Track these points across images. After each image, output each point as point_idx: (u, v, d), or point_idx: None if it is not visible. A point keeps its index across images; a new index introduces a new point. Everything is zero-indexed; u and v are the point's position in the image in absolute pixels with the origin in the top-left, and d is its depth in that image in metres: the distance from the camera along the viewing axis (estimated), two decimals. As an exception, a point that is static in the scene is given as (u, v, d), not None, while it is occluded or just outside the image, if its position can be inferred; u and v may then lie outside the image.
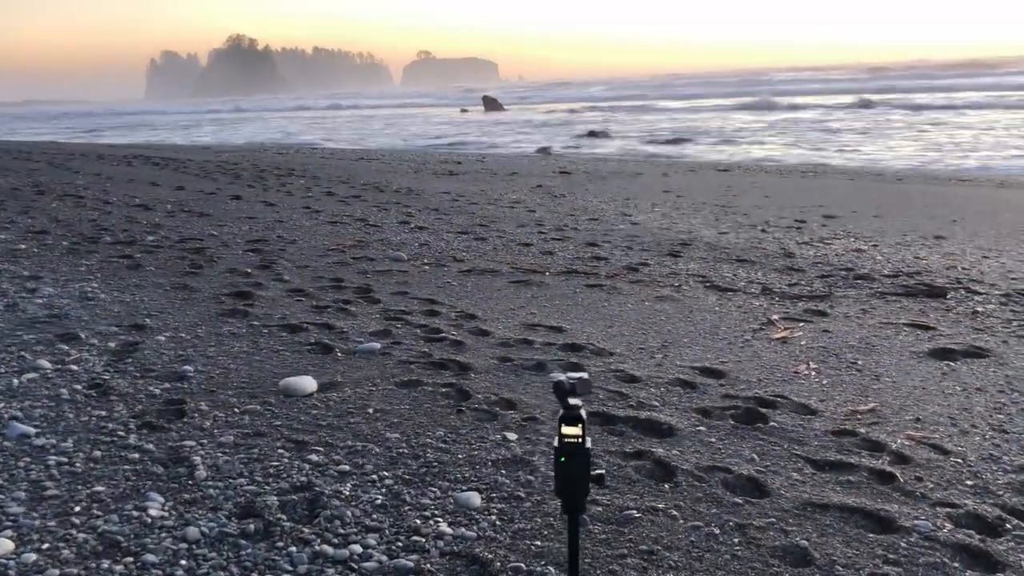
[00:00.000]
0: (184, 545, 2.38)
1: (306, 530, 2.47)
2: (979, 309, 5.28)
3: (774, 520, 2.56)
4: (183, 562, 2.31)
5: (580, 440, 1.79)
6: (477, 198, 11.18)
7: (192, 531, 2.44)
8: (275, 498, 2.66)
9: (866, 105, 38.45)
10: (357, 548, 2.37)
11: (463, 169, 16.13)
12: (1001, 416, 3.47)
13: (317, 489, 2.73)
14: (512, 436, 3.20)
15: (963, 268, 6.67)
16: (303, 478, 2.83)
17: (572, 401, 1.79)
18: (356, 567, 2.29)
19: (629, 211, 10.14)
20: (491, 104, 56.47)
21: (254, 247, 7.19)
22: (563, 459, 1.80)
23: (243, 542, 2.40)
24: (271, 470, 2.89)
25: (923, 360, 4.25)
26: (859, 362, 4.19)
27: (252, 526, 2.48)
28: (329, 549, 2.36)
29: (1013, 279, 6.24)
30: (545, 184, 13.26)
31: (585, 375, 1.83)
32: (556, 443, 1.81)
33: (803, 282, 6.12)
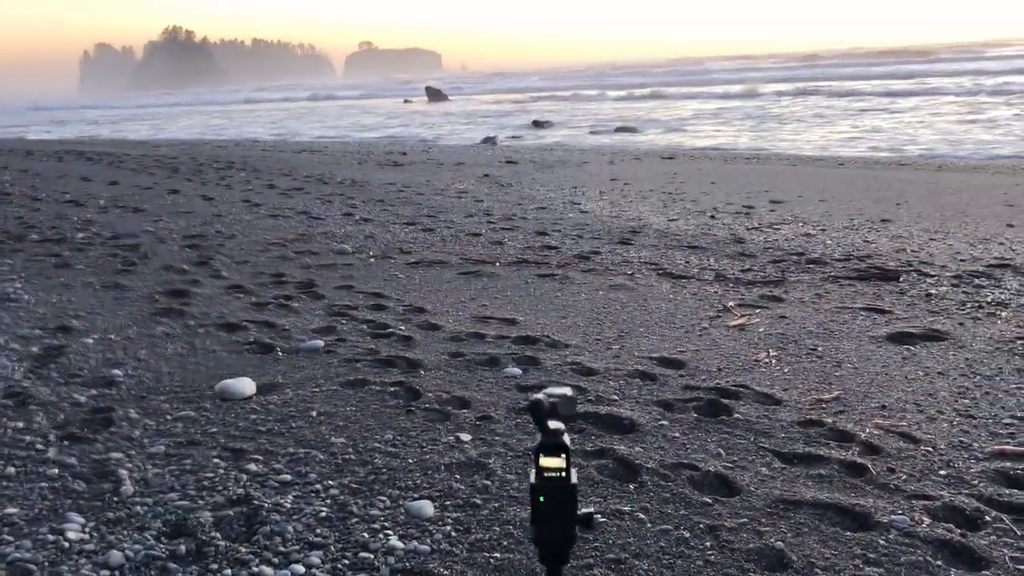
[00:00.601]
0: (106, 572, 2.16)
1: (243, 549, 2.26)
2: (932, 291, 5.23)
3: (746, 520, 2.42)
4: (105, 591, 2.08)
5: (564, 474, 1.44)
6: (423, 189, 10.94)
7: (115, 555, 2.21)
8: (209, 514, 2.45)
9: (803, 92, 38.91)
10: (299, 568, 2.17)
11: (408, 160, 15.85)
12: (966, 401, 3.39)
13: (256, 502, 2.52)
14: (466, 437, 3.02)
15: (912, 251, 6.65)
16: (240, 490, 2.61)
17: (552, 425, 1.46)
18: (299, 590, 2.09)
19: (577, 199, 9.99)
20: (435, 95, 55.99)
21: (191, 243, 6.88)
22: (542, 499, 1.46)
23: (172, 566, 2.18)
24: (205, 482, 2.67)
25: (882, 345, 4.16)
26: (819, 348, 4.09)
27: (183, 547, 2.26)
28: (268, 570, 2.16)
29: (962, 260, 6.23)
30: (492, 174, 13.06)
31: (568, 391, 1.51)
32: (532, 478, 1.46)
33: (756, 268, 6.03)
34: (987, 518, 2.44)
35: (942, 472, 2.75)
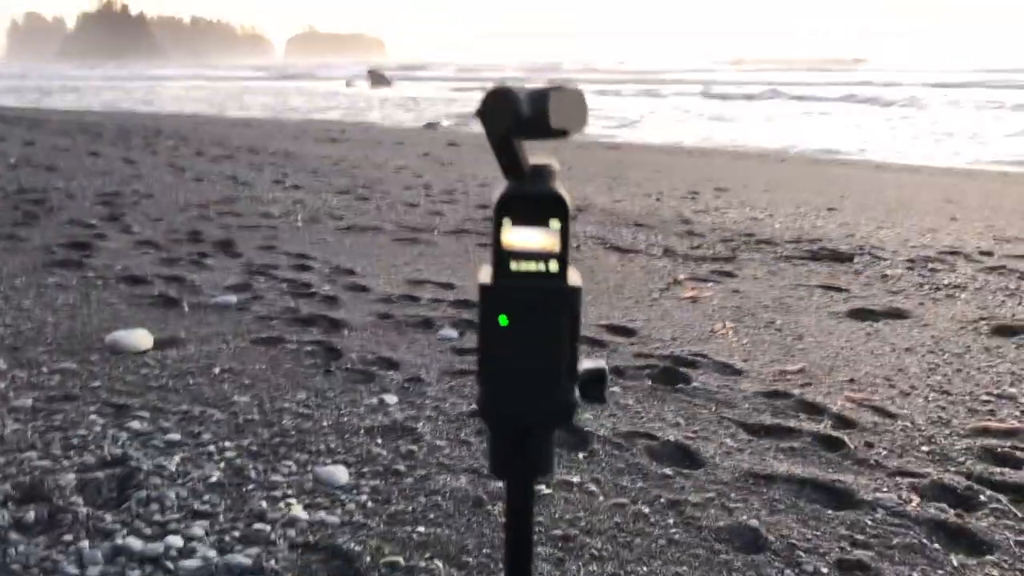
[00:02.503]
0: (-73, 541, 1.72)
1: (109, 518, 1.85)
2: (888, 273, 5.00)
3: (713, 495, 2.09)
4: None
5: (554, 267, 0.81)
6: (361, 163, 10.46)
7: (-56, 522, 1.78)
8: (73, 476, 2.02)
9: (749, 97, 39.21)
10: (177, 540, 1.77)
11: (347, 137, 15.31)
12: (939, 377, 3.12)
13: (133, 464, 2.10)
14: (391, 399, 2.64)
15: (862, 236, 6.45)
16: (117, 450, 2.19)
17: (533, 160, 0.86)
18: (171, 567, 1.69)
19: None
20: (377, 79, 55.01)
21: (104, 200, 6.34)
22: (503, 321, 0.83)
23: (13, 536, 1.76)
24: (75, 441, 2.24)
25: (843, 320, 3.89)
26: (777, 321, 3.80)
27: (32, 514, 1.84)
28: (136, 543, 1.75)
29: (913, 247, 6.04)
30: (433, 153, 12.63)
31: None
32: (485, 276, 0.83)
33: (705, 245, 5.75)
34: (982, 498, 2.15)
35: (924, 448, 2.46)
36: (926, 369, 3.21)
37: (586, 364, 0.88)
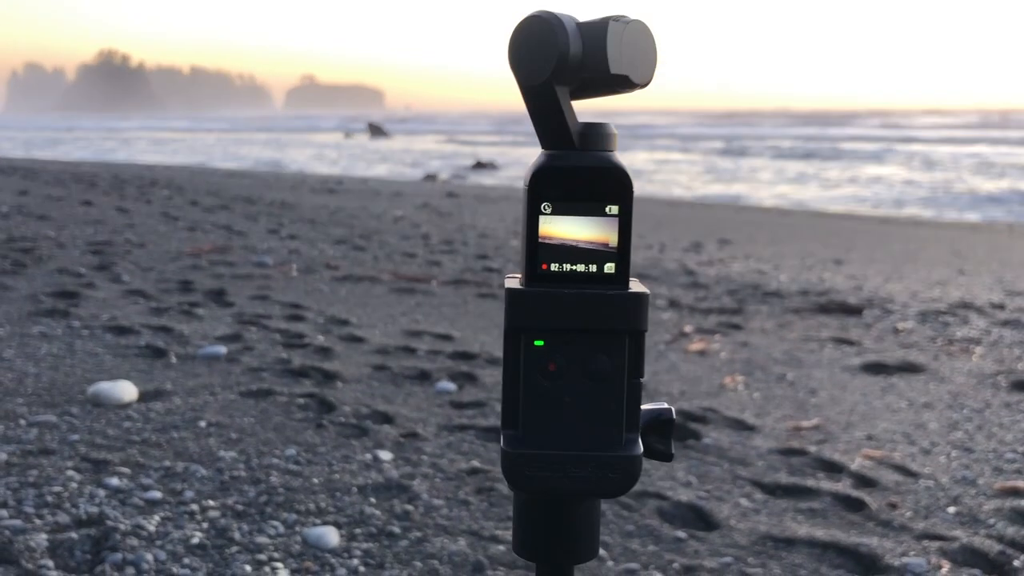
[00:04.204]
0: None
1: (77, 584, 1.70)
2: (899, 326, 4.89)
3: (729, 560, 1.94)
4: None
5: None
6: (358, 213, 10.40)
7: None
8: (45, 537, 1.87)
9: (740, 152, 39.47)
10: (149, 610, 1.62)
11: (344, 188, 15.29)
12: (960, 434, 2.99)
13: (109, 523, 1.95)
14: (386, 456, 2.50)
15: (870, 289, 6.35)
16: (93, 508, 2.04)
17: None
18: (141, 640, 1.54)
19: (520, 230, 9.56)
20: (376, 131, 55.50)
21: (95, 249, 6.23)
22: (540, 345, 0.68)
23: (-30, 604, 1.61)
24: (49, 498, 2.09)
25: (857, 374, 3.76)
26: (788, 375, 3.67)
27: (-6, 579, 1.69)
28: (105, 613, 1.60)
29: (923, 301, 5.93)
30: (432, 203, 12.59)
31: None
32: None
33: (711, 297, 5.64)
34: (1015, 563, 2.00)
35: (951, 509, 2.32)
36: (946, 425, 3.08)
37: (646, 406, 0.67)
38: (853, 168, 28.44)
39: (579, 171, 0.61)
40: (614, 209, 0.62)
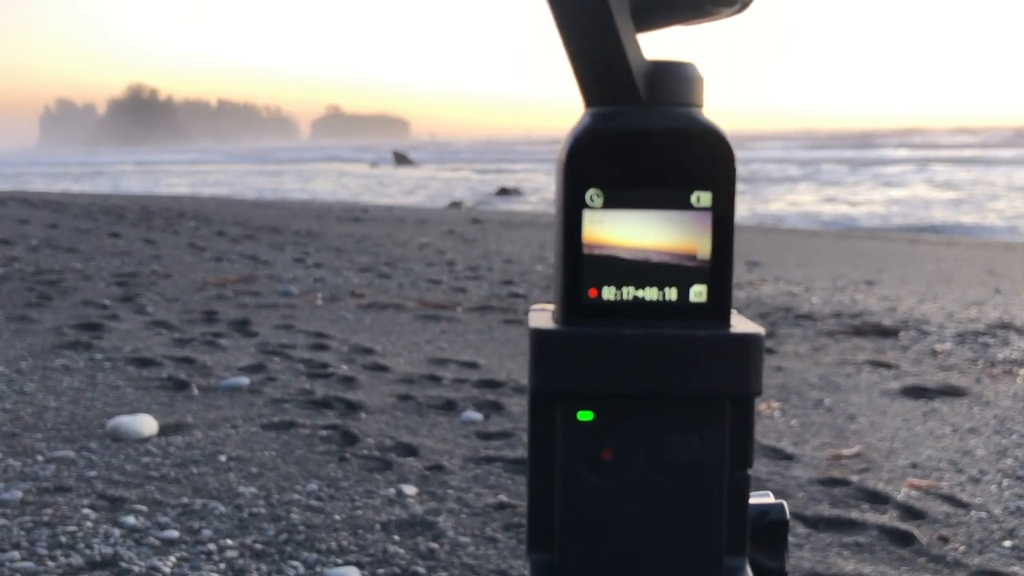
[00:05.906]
0: None
1: (87, 632, 1.63)
2: (937, 348, 4.74)
3: (774, 601, 1.83)
4: None
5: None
6: (383, 241, 10.39)
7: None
8: (55, 581, 1.81)
9: (761, 174, 39.29)
10: (161, 660, 1.54)
11: (369, 216, 15.32)
12: (1010, 461, 2.85)
13: (123, 565, 1.88)
14: (410, 490, 2.41)
15: (904, 310, 6.20)
16: (108, 549, 1.97)
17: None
18: None
19: (546, 255, 9.50)
20: (401, 160, 55.88)
21: (121, 280, 6.23)
22: (587, 418, 0.45)
23: (-25, 655, 1.54)
24: (63, 538, 2.03)
25: (897, 399, 3.63)
26: (826, 400, 3.55)
27: (1, 627, 1.62)
28: (114, 663, 1.52)
29: (959, 321, 5.78)
30: (457, 230, 12.56)
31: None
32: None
33: (741, 321, 5.52)
34: (1082, 603, 1.88)
35: (1007, 543, 2.19)
36: (994, 452, 2.94)
37: (752, 501, 0.45)
38: (880, 187, 28.18)
39: (648, 136, 0.39)
40: (705, 199, 0.42)
